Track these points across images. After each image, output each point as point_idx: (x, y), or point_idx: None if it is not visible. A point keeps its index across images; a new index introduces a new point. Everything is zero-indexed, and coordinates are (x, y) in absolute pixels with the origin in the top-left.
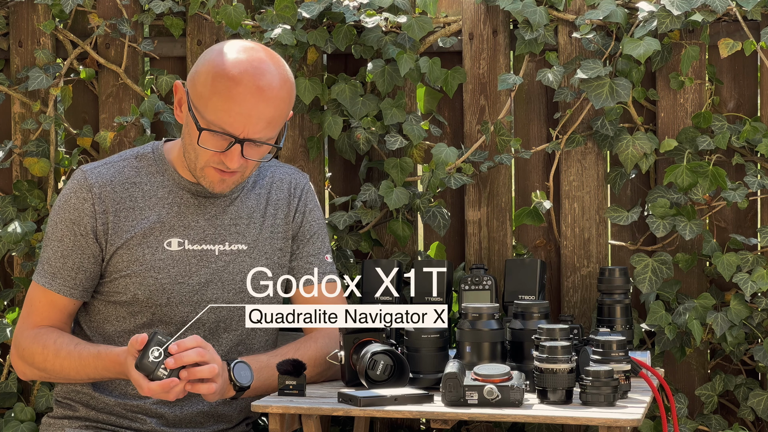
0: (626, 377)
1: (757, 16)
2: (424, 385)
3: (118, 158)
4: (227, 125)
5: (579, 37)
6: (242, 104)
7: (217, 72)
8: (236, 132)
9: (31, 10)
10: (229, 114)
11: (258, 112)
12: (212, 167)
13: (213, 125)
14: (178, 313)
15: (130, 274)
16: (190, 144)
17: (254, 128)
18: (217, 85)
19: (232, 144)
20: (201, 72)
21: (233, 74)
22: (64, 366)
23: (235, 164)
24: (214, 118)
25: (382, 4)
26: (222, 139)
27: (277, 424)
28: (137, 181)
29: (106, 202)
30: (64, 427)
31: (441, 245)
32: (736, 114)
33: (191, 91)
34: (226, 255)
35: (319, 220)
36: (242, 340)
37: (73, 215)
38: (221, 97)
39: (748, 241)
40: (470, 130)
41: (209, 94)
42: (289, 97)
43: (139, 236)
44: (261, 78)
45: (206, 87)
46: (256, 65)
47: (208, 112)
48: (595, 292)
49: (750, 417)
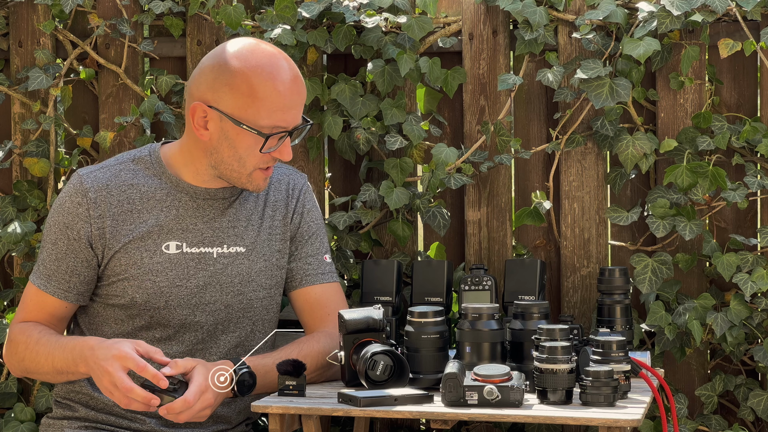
0: (626, 377)
1: (757, 16)
2: (424, 386)
3: (115, 161)
4: (282, 122)
5: (579, 37)
6: (288, 97)
7: (249, 78)
8: (289, 126)
9: (31, 10)
10: (283, 110)
11: (300, 99)
12: (260, 169)
13: (275, 128)
14: (176, 316)
15: (128, 278)
16: (232, 156)
17: (298, 114)
18: (259, 90)
19: (284, 137)
20: (231, 84)
21: (268, 72)
22: (39, 353)
23: (289, 156)
24: (269, 121)
25: (382, 4)
26: (276, 137)
27: (277, 425)
28: (134, 183)
29: (102, 207)
30: (63, 427)
31: (441, 245)
32: (736, 114)
33: (223, 106)
34: (225, 257)
35: (317, 221)
36: (241, 342)
37: (67, 219)
38: (268, 99)
39: (748, 241)
40: (470, 130)
41: (255, 101)
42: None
43: (137, 239)
44: (284, 65)
45: (247, 96)
46: (270, 56)
47: (262, 118)
48: (595, 293)
49: (750, 417)
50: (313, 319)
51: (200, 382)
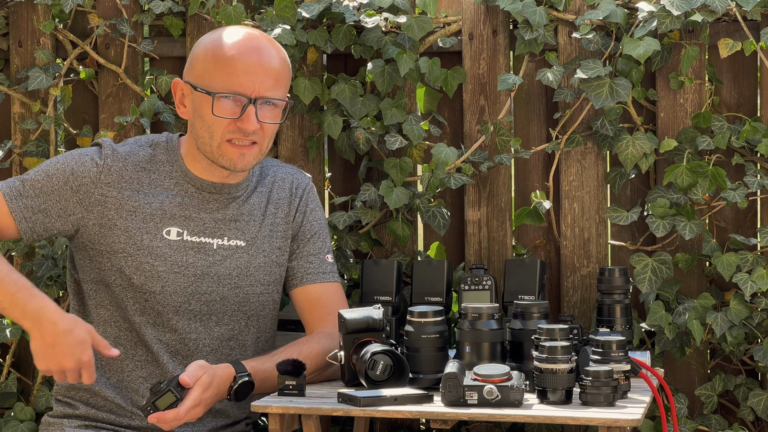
0: (626, 377)
1: (756, 16)
2: (424, 385)
3: (134, 142)
4: (237, 86)
5: (579, 37)
6: (247, 63)
7: (215, 50)
8: (248, 92)
9: (31, 10)
10: (237, 75)
11: (263, 69)
12: (229, 143)
13: (231, 92)
14: (170, 303)
15: (125, 255)
16: (202, 126)
17: (263, 85)
18: (219, 58)
19: (246, 106)
20: (198, 56)
21: (231, 44)
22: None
23: (252, 126)
24: (222, 85)
25: (382, 4)
26: (235, 105)
27: (277, 424)
28: (147, 167)
29: (113, 176)
30: (63, 426)
31: (441, 245)
32: (736, 114)
33: (192, 77)
34: (224, 249)
35: (320, 221)
36: (234, 335)
37: (76, 167)
38: (225, 64)
39: (748, 241)
40: (470, 130)
41: (212, 69)
42: (287, 61)
43: (138, 219)
44: (259, 41)
45: (208, 63)
46: (250, 35)
47: (216, 82)
48: (594, 292)
49: (750, 417)
50: (313, 317)
51: (195, 396)
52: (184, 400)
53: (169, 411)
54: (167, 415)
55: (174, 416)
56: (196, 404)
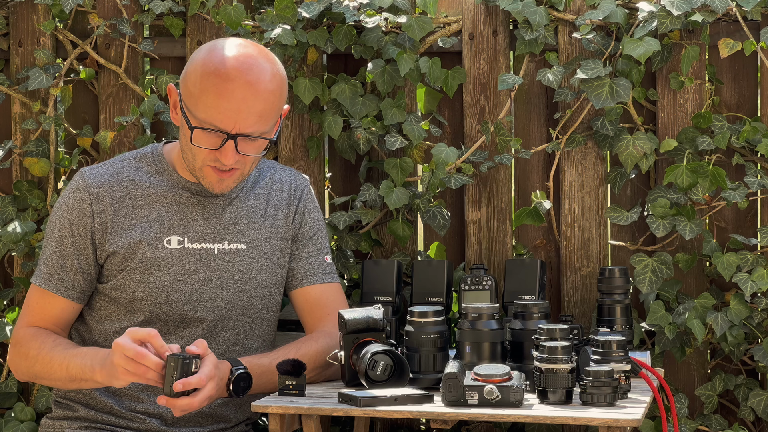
0: (626, 377)
1: (757, 16)
2: (424, 385)
3: (117, 159)
4: (218, 122)
5: (579, 37)
6: (231, 100)
7: (205, 70)
8: (228, 128)
9: (31, 10)
10: (219, 110)
11: (248, 107)
12: (210, 166)
13: (205, 123)
14: (176, 312)
15: (130, 272)
16: (186, 145)
17: (245, 123)
18: (206, 83)
19: (225, 140)
20: (191, 72)
21: (221, 71)
22: (54, 358)
23: (230, 160)
24: (205, 116)
25: (382, 4)
26: (215, 136)
27: (277, 424)
28: (136, 179)
29: (104, 202)
30: (63, 427)
31: (441, 245)
32: (736, 114)
33: (183, 91)
34: (225, 254)
35: (318, 222)
36: (240, 339)
37: (72, 215)
38: (210, 94)
39: (748, 241)
40: (470, 130)
41: (199, 93)
42: (279, 90)
43: (138, 234)
44: (249, 72)
45: (196, 86)
46: (243, 60)
47: (199, 111)
48: (595, 292)
49: (750, 417)
50: (312, 318)
51: (209, 369)
52: (199, 392)
53: (192, 377)
54: (191, 380)
55: (198, 382)
56: (211, 377)
